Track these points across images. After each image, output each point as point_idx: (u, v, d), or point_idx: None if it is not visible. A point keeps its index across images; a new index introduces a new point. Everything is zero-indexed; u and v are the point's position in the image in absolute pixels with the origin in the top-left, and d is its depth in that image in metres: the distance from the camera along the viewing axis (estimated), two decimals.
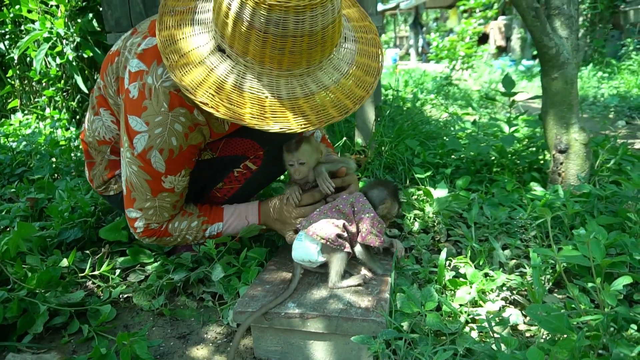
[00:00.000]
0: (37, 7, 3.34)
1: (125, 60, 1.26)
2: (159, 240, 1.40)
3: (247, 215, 1.44)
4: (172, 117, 1.18)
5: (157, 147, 1.22)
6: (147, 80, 1.17)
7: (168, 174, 1.28)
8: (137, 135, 1.21)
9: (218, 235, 1.43)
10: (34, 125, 3.51)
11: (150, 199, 1.31)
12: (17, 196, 2.17)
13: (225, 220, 1.43)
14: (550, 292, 1.35)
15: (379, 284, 1.22)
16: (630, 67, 7.41)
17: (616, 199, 1.72)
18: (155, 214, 1.34)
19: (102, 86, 1.39)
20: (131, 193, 1.31)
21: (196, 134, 1.25)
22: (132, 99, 1.19)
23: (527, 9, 1.85)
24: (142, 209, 1.33)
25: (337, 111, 1.08)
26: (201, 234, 1.42)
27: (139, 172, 1.27)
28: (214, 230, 1.42)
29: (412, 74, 7.99)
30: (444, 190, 1.85)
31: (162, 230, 1.38)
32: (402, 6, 18.28)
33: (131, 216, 1.35)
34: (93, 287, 1.46)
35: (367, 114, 2.63)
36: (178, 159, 1.26)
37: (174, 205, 1.37)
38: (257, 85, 1.04)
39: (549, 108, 1.96)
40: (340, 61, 1.14)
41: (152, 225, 1.36)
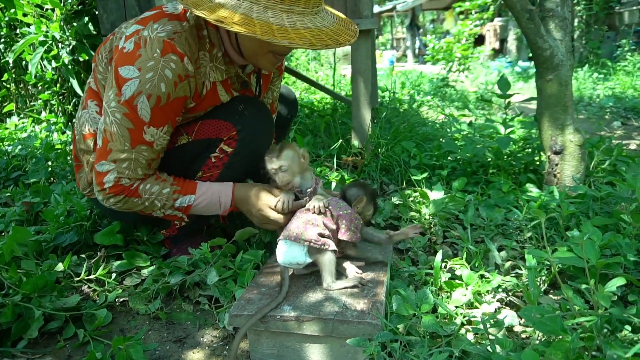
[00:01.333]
0: (33, 10, 3.33)
1: (120, 34, 1.34)
2: (125, 202, 1.35)
3: (220, 196, 1.43)
4: (163, 62, 1.24)
5: (145, 93, 1.24)
6: (142, 34, 1.25)
7: (151, 124, 1.28)
8: (128, 82, 1.24)
9: (187, 208, 1.41)
10: (30, 129, 3.49)
11: (128, 150, 1.29)
12: (12, 200, 2.16)
13: (197, 194, 1.41)
14: (545, 293, 1.36)
15: (375, 286, 1.23)
16: (625, 68, 7.45)
17: (611, 200, 1.72)
18: (129, 167, 1.31)
19: (94, 69, 1.44)
20: (108, 144, 1.29)
21: (184, 85, 1.29)
22: (126, 53, 1.25)
23: (521, 12, 1.86)
24: (117, 160, 1.30)
25: (333, 41, 1.21)
26: (170, 203, 1.39)
27: (121, 120, 1.27)
28: (184, 201, 1.40)
29: (409, 76, 8.01)
30: (440, 192, 1.86)
31: (132, 190, 1.33)
32: (398, 8, 18.33)
33: (102, 169, 1.31)
34: (89, 291, 1.46)
35: (364, 115, 2.63)
36: (164, 108, 1.28)
37: (149, 164, 1.34)
38: (264, 15, 1.16)
39: (544, 109, 1.97)
40: (327, 16, 1.31)
41: (122, 181, 1.32)
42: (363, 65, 2.60)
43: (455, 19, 16.03)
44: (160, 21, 1.27)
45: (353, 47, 2.62)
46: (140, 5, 2.70)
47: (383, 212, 1.92)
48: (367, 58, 2.61)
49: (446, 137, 2.77)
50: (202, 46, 1.34)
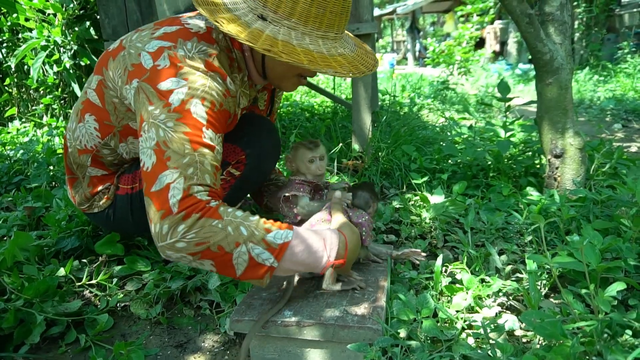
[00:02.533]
0: (35, 15, 3.36)
1: (137, 50, 1.19)
2: (201, 227, 0.99)
3: (325, 238, 1.14)
4: (210, 74, 1.14)
5: (197, 96, 1.10)
6: (177, 52, 1.14)
7: (209, 127, 1.10)
8: (174, 91, 1.09)
9: (283, 247, 1.05)
10: (32, 133, 3.51)
11: (189, 152, 1.04)
12: (14, 205, 2.17)
13: (295, 230, 1.10)
14: (546, 297, 1.36)
15: (375, 290, 1.23)
16: (626, 71, 7.46)
17: (612, 203, 1.72)
18: (196, 173, 1.04)
19: (99, 81, 1.29)
20: (164, 153, 1.04)
21: (229, 101, 1.20)
22: (162, 69, 1.12)
23: (520, 16, 1.87)
24: (179, 166, 1.03)
25: (365, 67, 1.21)
26: (261, 234, 1.04)
27: (176, 126, 1.06)
28: (279, 237, 1.05)
29: (410, 79, 8.02)
30: (441, 196, 1.86)
31: (212, 208, 1.02)
32: (399, 11, 18.36)
33: (161, 185, 1.01)
34: (90, 296, 1.46)
35: (364, 119, 2.64)
36: (217, 115, 1.13)
37: (214, 172, 1.09)
38: (304, 42, 1.15)
39: (544, 113, 1.97)
40: (349, 39, 1.32)
41: (194, 189, 1.02)
42: None
43: (455, 22, 16.06)
44: (191, 40, 1.18)
45: None
46: (142, 10, 2.72)
47: (384, 216, 1.93)
48: None
49: (446, 140, 2.77)
50: (233, 69, 1.28)
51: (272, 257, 1.04)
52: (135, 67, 1.17)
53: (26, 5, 3.32)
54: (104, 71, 1.27)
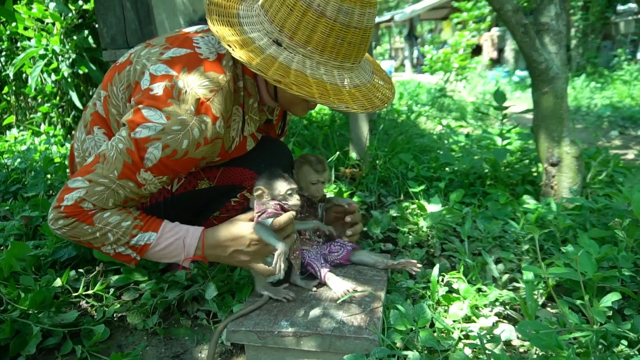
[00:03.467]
0: (34, 24, 3.37)
1: (142, 67, 1.21)
2: (73, 227, 1.16)
3: (186, 237, 1.23)
4: (195, 121, 1.13)
5: (163, 142, 1.13)
6: (177, 83, 1.15)
7: (151, 170, 1.16)
8: (148, 123, 1.12)
9: (144, 248, 1.20)
10: (29, 142, 3.51)
11: (112, 179, 1.15)
12: (11, 214, 2.17)
13: (160, 233, 1.21)
14: (543, 307, 1.36)
15: (372, 300, 1.23)
16: (622, 78, 7.51)
17: (608, 212, 1.73)
18: (102, 194, 1.15)
19: (104, 97, 1.32)
20: (95, 164, 1.16)
21: (207, 148, 1.19)
22: (153, 95, 1.14)
23: (516, 25, 1.88)
24: (93, 181, 1.14)
25: (380, 101, 1.19)
26: (125, 239, 1.18)
27: (122, 152, 1.14)
28: (142, 239, 1.19)
29: (407, 86, 8.06)
30: (438, 205, 1.87)
31: (88, 215, 1.16)
32: (396, 18, 18.48)
33: (72, 186, 1.15)
34: (87, 307, 1.46)
35: (361, 128, 2.65)
36: (176, 162, 1.17)
37: (125, 200, 1.19)
38: (317, 72, 1.12)
39: (540, 122, 1.98)
40: (367, 65, 1.28)
41: (84, 204, 1.15)
42: None
43: (453, 29, 16.16)
44: (196, 71, 1.16)
45: None
46: (140, 19, 2.73)
47: (381, 224, 1.93)
48: None
49: (444, 148, 2.78)
50: (237, 100, 1.27)
51: (135, 253, 1.22)
52: (136, 85, 1.21)
53: (25, 14, 3.33)
54: (109, 87, 1.30)
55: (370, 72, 1.27)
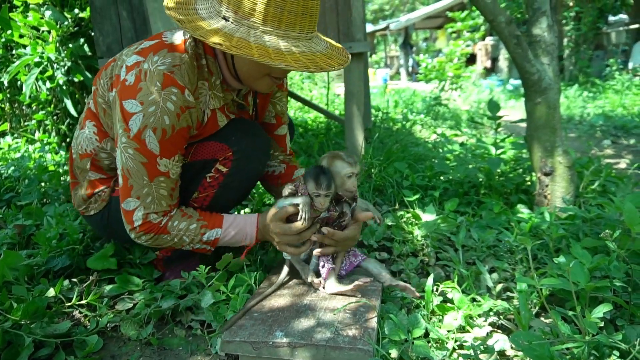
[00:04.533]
0: (29, 32, 3.37)
1: (122, 61, 1.36)
2: (155, 239, 1.38)
3: (246, 226, 1.44)
4: (164, 95, 1.26)
5: (150, 126, 1.27)
6: (143, 67, 1.28)
7: (162, 155, 1.31)
8: (133, 116, 1.27)
9: (215, 242, 1.43)
10: (24, 149, 3.49)
11: (147, 184, 1.32)
12: (4, 222, 2.15)
13: (224, 227, 1.43)
14: (537, 316, 1.36)
15: (366, 310, 1.23)
16: (614, 87, 7.59)
17: (601, 221, 1.75)
18: (154, 202, 1.34)
19: (94, 91, 1.47)
20: (128, 180, 1.33)
21: (186, 116, 1.31)
22: (127, 86, 1.28)
23: (509, 37, 1.91)
24: (140, 196, 1.33)
25: (327, 65, 1.25)
26: (198, 238, 1.41)
27: (134, 155, 1.30)
28: (212, 235, 1.42)
29: (402, 95, 8.11)
30: (433, 214, 1.87)
31: (162, 227, 1.37)
32: (392, 27, 18.65)
33: (129, 208, 1.35)
34: (80, 317, 1.44)
35: (356, 136, 2.66)
36: (171, 140, 1.30)
37: (170, 194, 1.37)
38: (261, 40, 1.20)
39: (533, 132, 2.00)
40: (320, 42, 1.34)
41: (150, 217, 1.35)
42: (356, 87, 2.65)
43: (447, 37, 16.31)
44: (160, 53, 1.29)
45: (346, 69, 2.67)
46: (136, 27, 2.74)
47: (376, 233, 1.93)
48: (359, 80, 2.65)
49: (438, 157, 2.80)
50: (201, 75, 1.37)
51: (209, 247, 1.45)
52: (116, 77, 1.35)
53: (21, 22, 3.33)
54: (98, 81, 1.45)
55: (326, 47, 1.33)
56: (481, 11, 1.95)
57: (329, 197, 1.31)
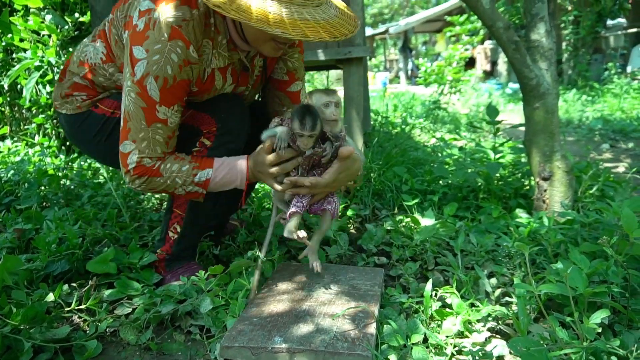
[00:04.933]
0: (29, 36, 3.38)
1: (137, 2, 1.38)
2: (149, 182, 1.42)
3: (236, 165, 1.48)
4: (170, 46, 1.31)
5: (153, 74, 1.32)
6: (153, 15, 1.32)
7: (162, 103, 1.36)
8: (138, 62, 1.33)
9: (206, 182, 1.46)
10: (23, 153, 3.50)
11: (144, 128, 1.37)
12: (4, 226, 2.15)
13: (215, 167, 1.46)
14: (536, 321, 1.37)
15: (365, 316, 1.23)
16: (613, 91, 7.61)
17: (599, 226, 1.75)
18: (149, 147, 1.39)
19: (110, 20, 1.51)
20: (127, 123, 1.38)
21: (187, 70, 1.37)
22: (137, 31, 1.33)
23: (507, 42, 1.92)
24: (136, 140, 1.38)
25: (328, 34, 1.25)
26: (190, 179, 1.45)
27: (136, 99, 1.35)
28: (203, 176, 1.45)
29: (402, 98, 8.13)
30: (432, 219, 1.88)
31: (154, 170, 1.41)
32: (391, 31, 18.69)
33: (125, 150, 1.40)
34: (79, 322, 1.44)
35: (356, 140, 2.67)
36: (171, 89, 1.36)
37: (166, 142, 1.42)
38: (263, 5, 1.21)
39: (532, 136, 2.01)
40: (329, 9, 1.34)
41: (144, 161, 1.40)
42: (355, 91, 2.65)
43: (446, 41, 16.35)
44: (172, 4, 1.33)
45: (345, 74, 2.68)
46: None
47: (375, 237, 1.94)
48: (359, 85, 2.66)
49: (437, 161, 2.81)
50: (207, 34, 1.41)
51: (201, 189, 1.47)
52: (130, 18, 1.38)
53: (21, 26, 3.34)
54: (116, 12, 1.49)
55: (333, 15, 1.32)
56: (480, 17, 1.96)
57: (312, 138, 1.33)
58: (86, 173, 2.92)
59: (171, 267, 1.64)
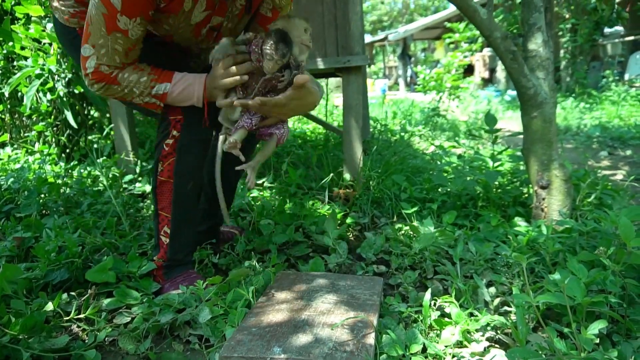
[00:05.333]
0: (31, 44, 3.40)
1: None
2: (106, 89, 1.44)
3: (194, 83, 1.47)
4: None
5: None
6: None
7: (123, 13, 1.34)
8: None
9: (163, 96, 1.47)
10: (23, 160, 3.50)
11: (104, 36, 1.36)
12: (3, 234, 2.16)
13: (173, 82, 1.46)
14: (535, 330, 1.37)
15: (364, 326, 1.23)
16: (610, 98, 7.64)
17: (597, 235, 1.76)
18: (107, 54, 1.39)
19: None
20: (89, 27, 1.37)
21: None
22: None
23: (505, 52, 1.94)
24: (95, 45, 1.38)
25: None
26: (148, 91, 1.46)
27: (98, 5, 1.33)
28: (160, 89, 1.46)
29: (401, 106, 8.15)
30: (431, 227, 1.88)
31: (112, 78, 1.42)
32: (390, 38, 18.78)
33: (85, 54, 1.40)
34: (78, 331, 1.44)
35: (355, 149, 2.68)
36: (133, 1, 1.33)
37: (126, 53, 1.41)
38: None
39: (530, 145, 2.02)
40: None
41: (102, 68, 1.40)
42: (354, 100, 2.67)
43: (445, 48, 16.43)
44: None
45: (344, 82, 2.69)
46: None
47: (374, 246, 1.94)
48: (358, 93, 2.67)
49: (436, 169, 2.82)
50: None
51: (159, 101, 1.49)
52: None
53: (23, 34, 3.36)
54: None
55: None
56: (477, 27, 1.97)
57: (279, 65, 1.35)
58: (86, 181, 2.92)
59: (169, 276, 1.64)
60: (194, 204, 1.66)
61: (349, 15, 2.60)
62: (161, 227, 1.62)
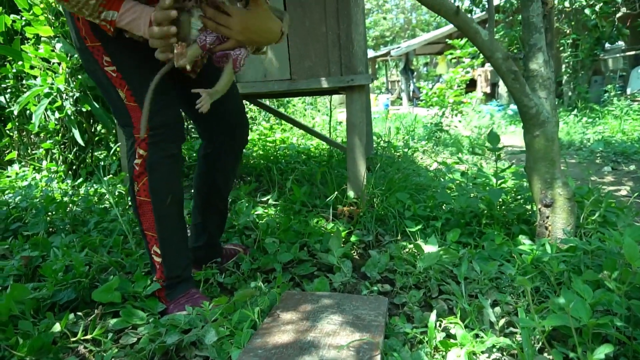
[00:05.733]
0: (40, 64, 3.46)
1: None
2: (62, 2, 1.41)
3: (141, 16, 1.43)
4: None
5: None
6: None
7: None
8: None
9: (112, 23, 1.44)
10: (30, 178, 3.54)
11: None
12: (10, 253, 2.17)
13: (120, 12, 1.43)
14: (540, 352, 1.36)
15: (370, 348, 1.24)
16: (613, 113, 7.66)
17: (601, 253, 1.76)
18: None
19: None
20: None
21: None
22: None
23: (506, 72, 1.96)
24: None
25: None
26: (96, 14, 1.43)
27: None
28: (108, 16, 1.43)
29: (404, 121, 8.20)
30: (435, 246, 1.89)
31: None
32: (392, 53, 18.96)
33: None
34: (85, 352, 1.45)
35: (359, 167, 2.70)
36: None
37: None
38: None
39: (533, 164, 2.03)
40: None
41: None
42: (358, 118, 2.70)
43: (447, 63, 16.56)
44: None
45: (348, 100, 2.73)
46: None
47: (379, 264, 1.95)
48: (361, 111, 2.70)
49: (440, 187, 2.83)
50: None
51: (108, 25, 1.45)
52: None
53: (32, 53, 3.43)
54: None
55: None
56: (479, 48, 2.01)
57: None
58: (92, 199, 2.95)
59: (172, 297, 1.64)
60: (178, 217, 1.65)
61: (352, 35, 2.64)
62: (151, 247, 1.62)
